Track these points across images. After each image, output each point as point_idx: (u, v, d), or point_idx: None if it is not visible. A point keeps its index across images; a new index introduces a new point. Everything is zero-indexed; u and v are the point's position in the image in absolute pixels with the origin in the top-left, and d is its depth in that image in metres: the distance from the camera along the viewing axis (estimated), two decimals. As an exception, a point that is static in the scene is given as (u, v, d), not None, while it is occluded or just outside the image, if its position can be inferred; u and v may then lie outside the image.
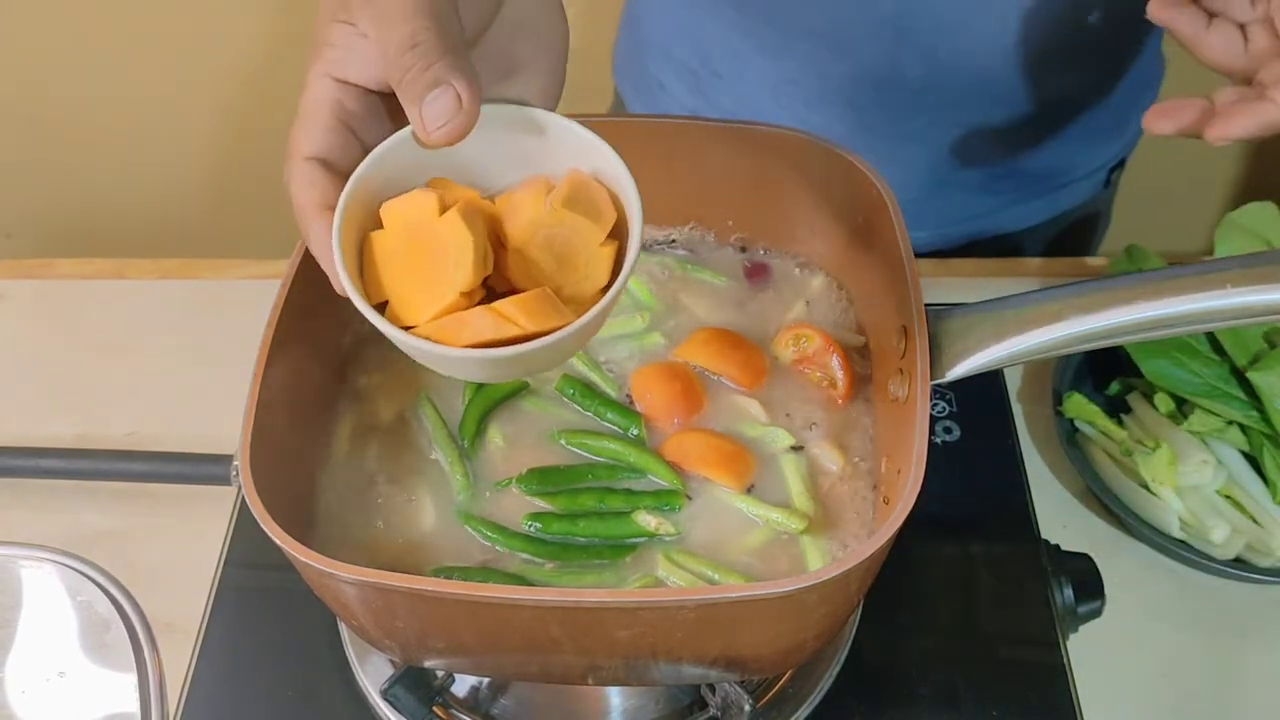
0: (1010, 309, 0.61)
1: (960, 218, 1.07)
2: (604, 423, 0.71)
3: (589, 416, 0.71)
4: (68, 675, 0.68)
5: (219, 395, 0.69)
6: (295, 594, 0.67)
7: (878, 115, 0.97)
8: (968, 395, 0.90)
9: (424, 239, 0.51)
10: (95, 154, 1.89)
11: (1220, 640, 0.80)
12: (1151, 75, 1.07)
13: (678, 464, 0.68)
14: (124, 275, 1.08)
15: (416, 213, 0.52)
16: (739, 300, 0.77)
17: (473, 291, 0.51)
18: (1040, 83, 0.94)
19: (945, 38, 0.90)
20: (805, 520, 0.65)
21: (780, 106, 0.99)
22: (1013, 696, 0.74)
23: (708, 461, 0.67)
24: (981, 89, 0.94)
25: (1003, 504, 0.84)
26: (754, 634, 0.57)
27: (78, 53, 1.75)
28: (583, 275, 0.54)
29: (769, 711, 0.72)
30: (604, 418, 0.71)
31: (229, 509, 0.84)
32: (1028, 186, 1.06)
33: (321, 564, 0.53)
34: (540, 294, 0.52)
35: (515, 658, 0.62)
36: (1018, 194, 1.06)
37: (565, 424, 0.71)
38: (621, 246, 0.54)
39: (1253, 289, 0.56)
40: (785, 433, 0.69)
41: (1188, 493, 0.83)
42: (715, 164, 0.75)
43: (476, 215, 0.52)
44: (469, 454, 0.69)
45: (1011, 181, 1.05)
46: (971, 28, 0.89)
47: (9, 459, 0.87)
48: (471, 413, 0.70)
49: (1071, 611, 0.77)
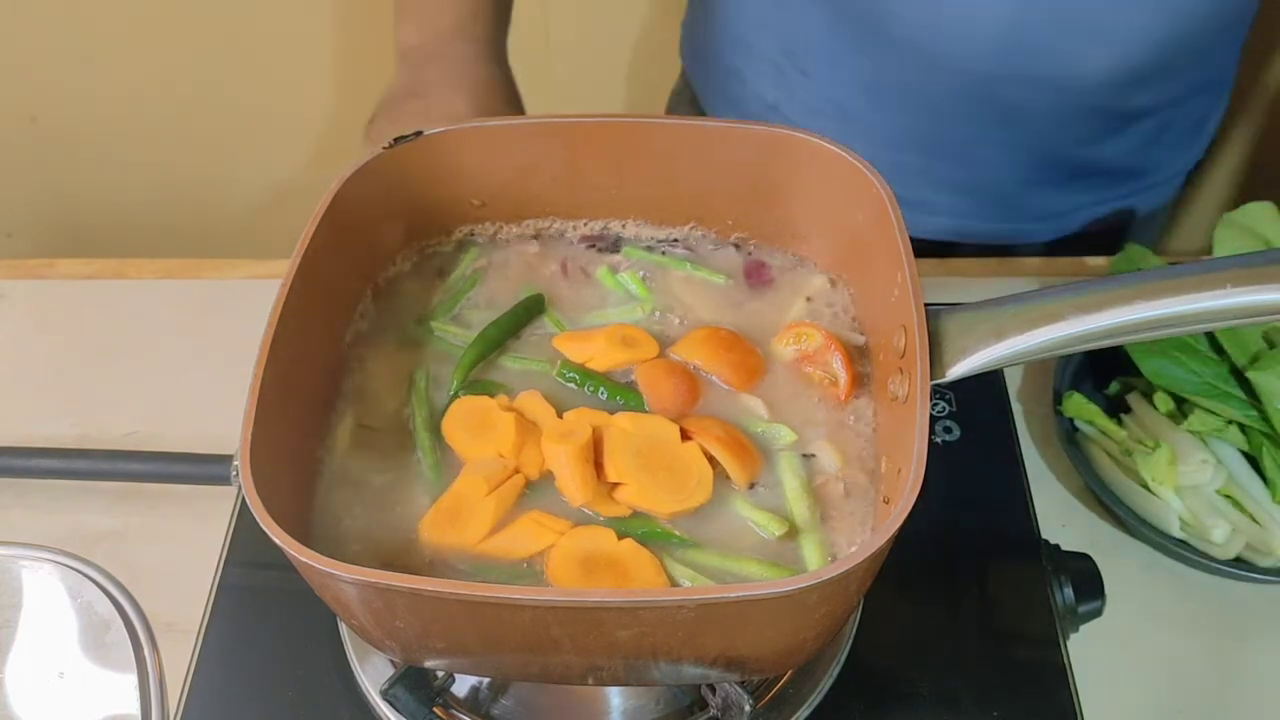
0: (1010, 309, 0.61)
1: (1048, 213, 1.06)
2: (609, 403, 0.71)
3: (589, 399, 0.72)
4: (68, 675, 0.68)
5: (219, 395, 0.70)
6: (295, 594, 0.67)
7: (963, 123, 0.97)
8: (968, 395, 0.90)
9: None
10: (95, 154, 1.89)
11: (1220, 640, 0.80)
12: (1227, 78, 1.07)
13: (693, 434, 0.68)
14: (124, 275, 1.08)
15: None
16: (739, 300, 0.77)
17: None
18: (1132, 98, 0.94)
19: (1054, 61, 0.90)
20: (786, 525, 0.65)
21: (864, 105, 0.99)
22: (1013, 696, 0.74)
23: (724, 443, 0.67)
24: (1075, 109, 0.93)
25: (1003, 504, 0.84)
26: (754, 634, 0.57)
27: (78, 53, 1.75)
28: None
29: (769, 712, 0.72)
30: (611, 398, 0.71)
31: (229, 509, 0.84)
32: (1112, 188, 1.06)
33: (321, 564, 0.53)
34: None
35: (515, 658, 0.62)
36: (1102, 194, 1.06)
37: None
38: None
39: (1253, 289, 0.56)
40: (787, 430, 0.70)
41: (1188, 493, 0.83)
42: (715, 164, 0.75)
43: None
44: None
45: (1096, 181, 1.05)
46: (1083, 52, 0.89)
47: (9, 459, 0.87)
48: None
49: (1071, 611, 0.77)
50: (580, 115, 0.76)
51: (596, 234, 0.80)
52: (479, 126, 0.74)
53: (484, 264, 0.80)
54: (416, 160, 0.74)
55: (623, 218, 0.80)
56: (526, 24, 1.74)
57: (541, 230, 0.80)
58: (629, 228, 0.80)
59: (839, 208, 0.73)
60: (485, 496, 0.65)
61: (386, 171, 0.73)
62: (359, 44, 1.67)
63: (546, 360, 0.74)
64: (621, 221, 0.80)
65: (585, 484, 0.65)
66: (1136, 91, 0.93)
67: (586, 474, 0.65)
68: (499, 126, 0.75)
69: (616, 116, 0.87)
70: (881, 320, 0.70)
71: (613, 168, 0.76)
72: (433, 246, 0.80)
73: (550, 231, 0.80)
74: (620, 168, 0.76)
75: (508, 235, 0.80)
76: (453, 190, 0.77)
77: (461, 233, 0.81)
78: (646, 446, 0.66)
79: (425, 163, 0.74)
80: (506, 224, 0.80)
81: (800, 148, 0.73)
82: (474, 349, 0.73)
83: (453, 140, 0.74)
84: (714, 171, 0.76)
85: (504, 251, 0.80)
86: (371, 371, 0.73)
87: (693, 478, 0.66)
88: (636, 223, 0.80)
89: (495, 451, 0.67)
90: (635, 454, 0.66)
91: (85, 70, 1.77)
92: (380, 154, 0.72)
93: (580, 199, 0.79)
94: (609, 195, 0.78)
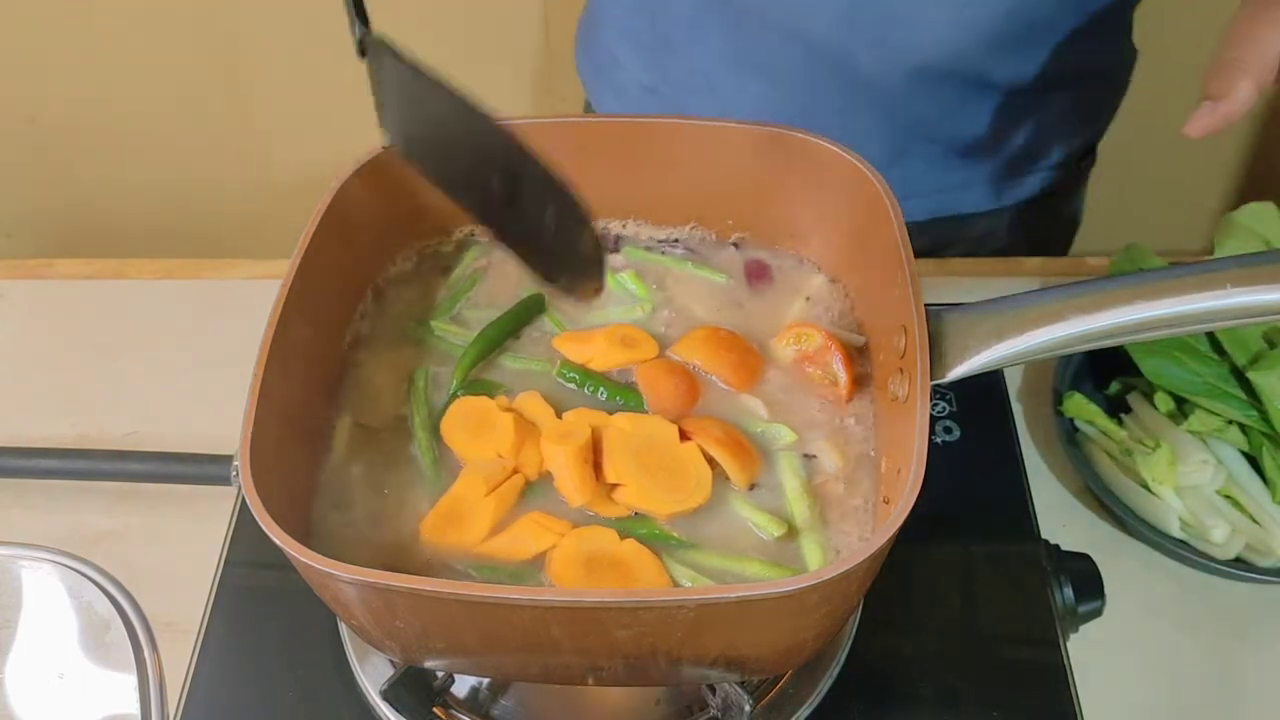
0: (1010, 309, 0.61)
1: (918, 191, 1.06)
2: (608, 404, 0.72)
3: (588, 399, 0.72)
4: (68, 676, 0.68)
5: (219, 395, 0.69)
6: (295, 594, 0.67)
7: (831, 92, 0.97)
8: (968, 395, 0.90)
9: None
10: (95, 154, 1.89)
11: (1220, 640, 0.80)
12: (1120, 66, 1.07)
13: (692, 434, 0.68)
14: (124, 275, 1.08)
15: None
16: (739, 299, 0.77)
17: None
18: (992, 70, 0.94)
19: (895, 29, 0.91)
20: (785, 526, 0.65)
21: (733, 80, 1.00)
22: (1013, 696, 0.74)
23: (723, 443, 0.67)
24: (933, 76, 0.94)
25: (1003, 504, 0.84)
26: (754, 634, 0.57)
27: (78, 53, 1.76)
28: None
29: (769, 712, 0.72)
30: (611, 398, 0.71)
31: (229, 509, 0.84)
32: (988, 167, 1.06)
33: (321, 564, 0.53)
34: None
35: (515, 658, 0.62)
36: (978, 174, 1.07)
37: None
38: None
39: (1253, 289, 0.56)
40: (787, 430, 0.70)
41: (1188, 493, 0.83)
42: (715, 164, 0.75)
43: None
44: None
45: (971, 159, 1.05)
46: (920, 19, 0.90)
47: (9, 459, 0.87)
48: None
49: (1071, 611, 0.77)
50: (580, 115, 0.76)
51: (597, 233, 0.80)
52: (479, 126, 0.74)
53: (484, 263, 0.80)
54: (416, 160, 0.74)
55: (623, 218, 0.80)
56: (526, 24, 1.74)
57: (541, 230, 0.80)
58: (629, 227, 0.80)
59: (839, 208, 0.73)
60: (485, 497, 0.65)
61: (386, 171, 0.73)
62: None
63: (546, 360, 0.74)
64: (622, 221, 0.80)
65: (584, 484, 0.65)
66: (992, 61, 0.94)
67: (585, 474, 0.65)
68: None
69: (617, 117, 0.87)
70: (881, 320, 0.70)
71: (613, 168, 0.76)
72: (433, 246, 0.80)
73: (550, 231, 0.80)
74: (620, 168, 0.76)
75: (508, 235, 0.80)
76: (453, 190, 0.77)
77: (461, 233, 0.81)
78: (645, 447, 0.66)
79: (425, 163, 0.74)
80: (506, 224, 0.80)
81: (800, 148, 0.73)
82: (474, 349, 0.73)
83: (453, 140, 0.74)
84: (714, 171, 0.76)
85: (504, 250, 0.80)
86: (371, 371, 0.73)
87: (691, 478, 0.66)
88: (636, 223, 0.80)
89: (494, 452, 0.67)
90: (634, 455, 0.66)
91: (85, 70, 1.77)
92: (380, 154, 0.72)
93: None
94: (609, 195, 0.78)
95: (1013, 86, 0.97)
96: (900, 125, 1.00)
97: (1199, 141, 0.64)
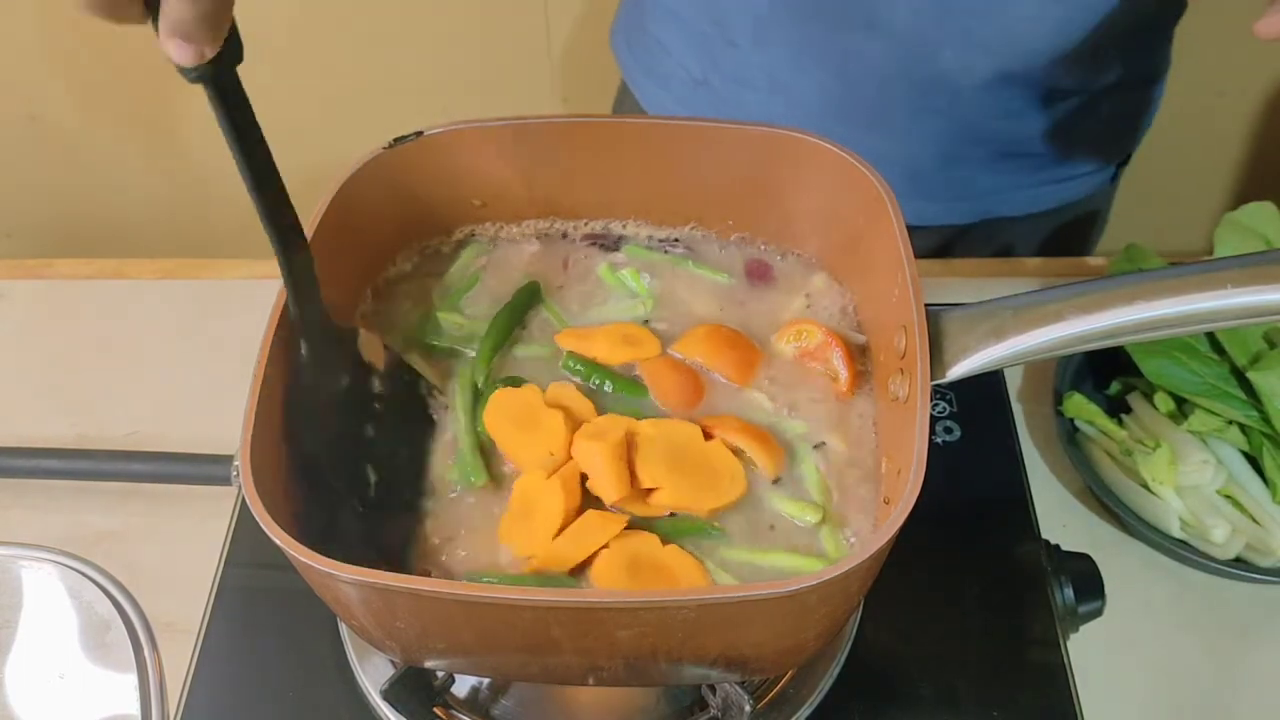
0: (1010, 309, 0.61)
1: (969, 194, 1.07)
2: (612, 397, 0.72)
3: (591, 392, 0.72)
4: (68, 676, 0.68)
5: (219, 395, 0.70)
6: (295, 594, 0.67)
7: (902, 92, 0.96)
8: (968, 395, 0.90)
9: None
10: (95, 154, 1.89)
11: (1220, 640, 0.80)
12: (1158, 73, 1.07)
13: (714, 431, 0.68)
14: (124, 275, 1.08)
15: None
16: (740, 298, 0.77)
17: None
18: (1061, 73, 0.94)
19: (983, 19, 0.90)
20: (821, 513, 0.65)
21: (799, 76, 0.98)
22: (1013, 696, 0.74)
23: (749, 434, 0.68)
24: (1009, 74, 0.94)
25: (1003, 504, 0.84)
26: (754, 634, 0.57)
27: (78, 53, 1.75)
28: None
29: (769, 712, 0.72)
30: (616, 391, 0.72)
31: (229, 509, 0.84)
32: (1036, 172, 1.06)
33: (321, 564, 0.53)
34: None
35: (516, 658, 0.62)
36: (1025, 178, 1.07)
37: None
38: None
39: (1253, 289, 0.56)
40: (796, 422, 0.70)
41: (1188, 493, 0.83)
42: (715, 164, 0.75)
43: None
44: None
45: (1020, 163, 1.05)
46: (1008, 12, 0.89)
47: (9, 459, 0.87)
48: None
49: (1071, 611, 0.77)
50: (581, 115, 0.76)
51: (598, 233, 0.80)
52: (479, 127, 0.74)
53: (484, 262, 0.80)
54: (416, 160, 0.74)
55: (623, 218, 0.80)
56: (526, 24, 1.74)
57: (542, 231, 0.80)
58: (629, 227, 0.80)
59: (839, 208, 0.73)
60: (547, 480, 0.65)
61: (386, 171, 0.73)
62: (359, 43, 1.67)
63: (554, 348, 0.74)
64: (622, 222, 0.80)
65: (620, 480, 0.65)
66: (1064, 68, 0.94)
67: (621, 471, 0.65)
68: (499, 126, 0.75)
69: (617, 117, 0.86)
70: (882, 320, 0.70)
71: (613, 168, 0.76)
72: (433, 246, 0.80)
73: (551, 231, 0.80)
74: (620, 168, 0.76)
75: (508, 235, 0.80)
76: (453, 190, 0.77)
77: (462, 232, 0.81)
78: (673, 449, 0.67)
79: (425, 163, 0.74)
80: (507, 224, 0.80)
81: (800, 148, 0.72)
82: (490, 338, 0.73)
83: (453, 140, 0.74)
84: (714, 171, 0.76)
85: (504, 250, 0.80)
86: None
87: (724, 474, 0.66)
88: (637, 223, 0.80)
89: (546, 450, 0.67)
90: (663, 458, 0.66)
91: (85, 70, 1.77)
92: (380, 154, 0.72)
93: (580, 199, 0.79)
94: (609, 195, 0.78)
95: (1071, 89, 0.97)
96: (960, 127, 1.00)
97: (1199, 141, 0.64)
